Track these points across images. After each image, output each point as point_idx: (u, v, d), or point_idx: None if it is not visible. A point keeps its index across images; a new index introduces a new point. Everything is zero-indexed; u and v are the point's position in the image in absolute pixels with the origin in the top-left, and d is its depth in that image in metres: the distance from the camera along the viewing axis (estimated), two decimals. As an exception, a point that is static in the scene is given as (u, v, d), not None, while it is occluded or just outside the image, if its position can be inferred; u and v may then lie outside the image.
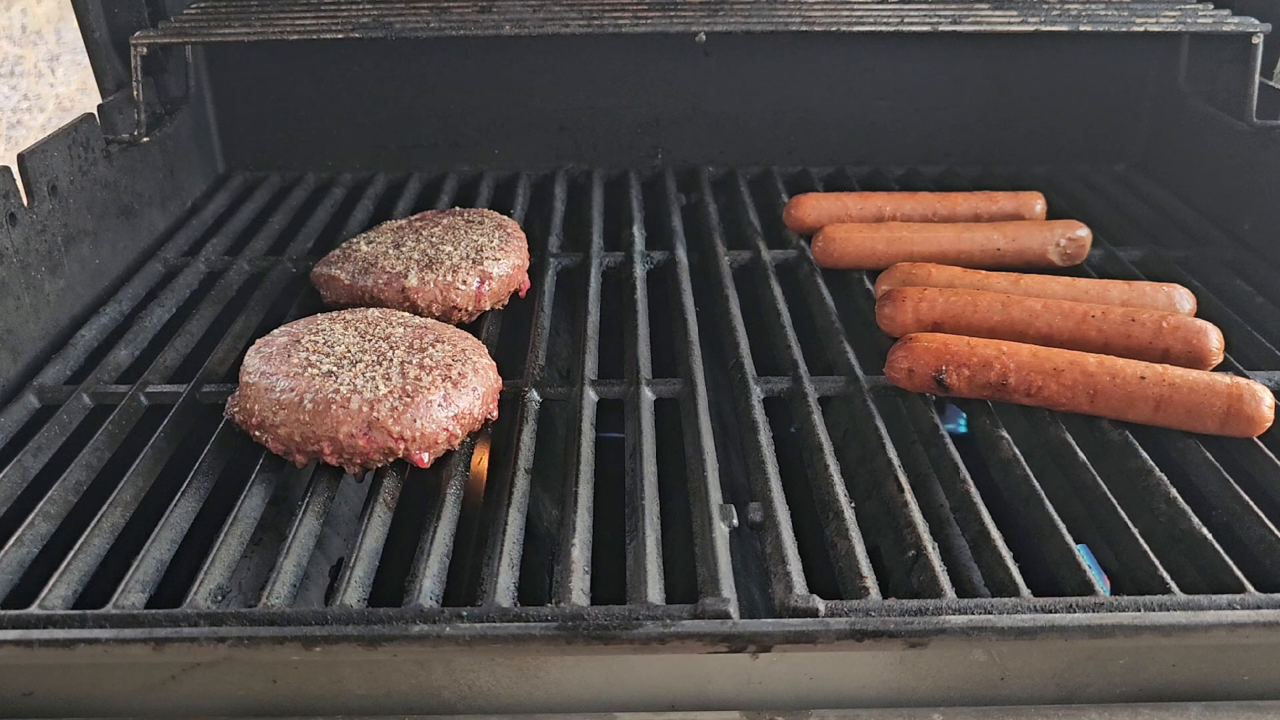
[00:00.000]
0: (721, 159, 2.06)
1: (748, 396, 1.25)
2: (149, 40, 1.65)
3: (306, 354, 1.17)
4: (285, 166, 2.06)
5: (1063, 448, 1.16)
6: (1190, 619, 0.89)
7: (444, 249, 1.44)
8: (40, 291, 1.40)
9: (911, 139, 2.05)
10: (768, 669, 0.91)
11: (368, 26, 1.63)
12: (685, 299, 1.50)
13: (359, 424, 1.08)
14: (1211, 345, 1.24)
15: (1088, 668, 0.92)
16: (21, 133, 2.40)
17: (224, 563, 0.99)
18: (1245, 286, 1.52)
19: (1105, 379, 1.16)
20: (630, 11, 1.67)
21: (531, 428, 1.20)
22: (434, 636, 0.88)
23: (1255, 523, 1.04)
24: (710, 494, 1.06)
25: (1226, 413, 1.13)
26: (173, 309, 1.53)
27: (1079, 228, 1.56)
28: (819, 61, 2.00)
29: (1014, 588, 0.94)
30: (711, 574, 0.95)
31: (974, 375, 1.19)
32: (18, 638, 0.88)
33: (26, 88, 2.33)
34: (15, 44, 2.27)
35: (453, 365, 1.16)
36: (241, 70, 2.01)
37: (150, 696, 0.92)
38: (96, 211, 1.57)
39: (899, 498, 1.07)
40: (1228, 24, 1.64)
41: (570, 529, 1.01)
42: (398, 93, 2.02)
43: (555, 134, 2.05)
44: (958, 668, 0.92)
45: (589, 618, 0.89)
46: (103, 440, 1.19)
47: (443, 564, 0.99)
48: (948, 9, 1.66)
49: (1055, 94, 2.01)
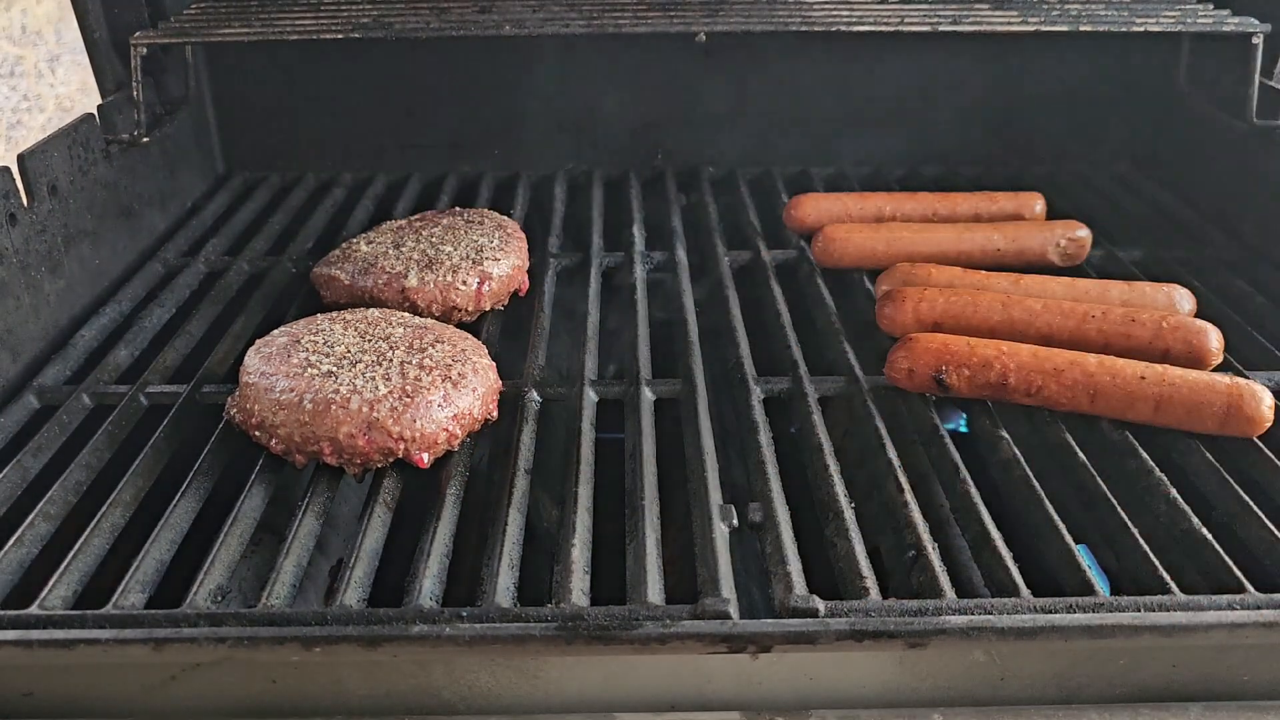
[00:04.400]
0: (721, 159, 2.06)
1: (748, 396, 1.25)
2: (149, 40, 1.65)
3: (306, 354, 1.17)
4: (285, 166, 2.06)
5: (1063, 448, 1.16)
6: (1190, 619, 0.89)
7: (444, 249, 1.44)
8: (40, 291, 1.40)
9: (911, 139, 2.05)
10: (768, 669, 0.91)
11: (368, 26, 1.63)
12: (685, 299, 1.50)
13: (359, 424, 1.08)
14: (1211, 345, 1.24)
15: (1088, 668, 0.92)
16: (21, 133, 2.40)
17: (224, 563, 0.99)
18: (1245, 286, 1.52)
19: (1105, 379, 1.16)
20: (630, 11, 1.68)
21: (531, 428, 1.20)
22: (434, 637, 0.88)
23: (1255, 523, 1.04)
24: (710, 494, 1.06)
25: (1226, 413, 1.13)
26: (172, 309, 1.53)
27: (1079, 228, 1.56)
28: (819, 61, 2.00)
29: (1014, 588, 0.94)
30: (711, 574, 0.95)
31: (974, 375, 1.19)
32: (18, 638, 0.88)
33: (26, 88, 2.33)
34: (15, 44, 2.28)
35: (452, 365, 1.16)
36: (241, 70, 2.01)
37: (150, 696, 0.92)
38: (96, 212, 1.57)
39: (899, 498, 1.07)
40: (1228, 24, 1.64)
41: (570, 529, 1.01)
42: (397, 93, 2.02)
43: (555, 134, 2.05)
44: (958, 668, 0.92)
45: (589, 618, 0.89)
46: (103, 440, 1.19)
47: (443, 564, 0.99)
48: (948, 9, 1.66)
49: (1055, 94, 2.01)
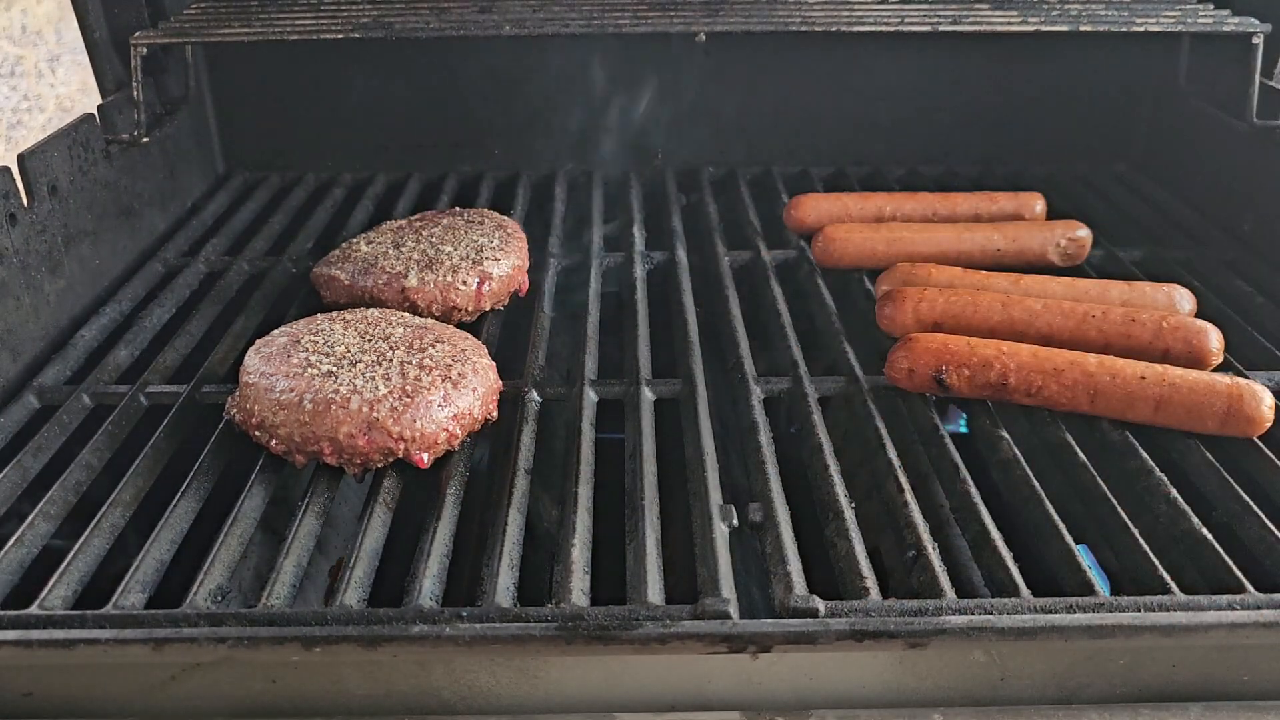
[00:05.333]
0: (721, 159, 2.06)
1: (748, 396, 1.25)
2: (149, 40, 1.65)
3: (306, 354, 1.17)
4: (285, 166, 2.06)
5: (1063, 448, 1.16)
6: (1190, 619, 0.89)
7: (444, 249, 1.44)
8: (40, 291, 1.40)
9: (911, 139, 2.05)
10: (768, 669, 0.91)
11: (368, 26, 1.63)
12: (685, 299, 1.50)
13: (359, 424, 1.08)
14: (1212, 346, 1.24)
15: (1088, 668, 0.92)
16: (21, 133, 2.40)
17: (224, 563, 0.99)
18: (1245, 286, 1.52)
19: (1105, 379, 1.16)
20: (630, 11, 1.67)
21: (531, 428, 1.20)
22: (434, 637, 0.88)
23: (1255, 523, 1.04)
24: (710, 494, 1.06)
25: (1226, 413, 1.13)
26: (172, 309, 1.53)
27: (1079, 228, 1.56)
28: (819, 61, 2.00)
29: (1014, 588, 0.94)
30: (711, 574, 0.95)
31: (974, 375, 1.19)
32: (18, 638, 0.88)
33: (26, 88, 2.33)
34: (15, 44, 2.27)
35: (453, 365, 1.16)
36: (241, 70, 2.01)
37: (150, 697, 0.92)
38: (96, 212, 1.57)
39: (899, 498, 1.07)
40: (1228, 24, 1.64)
41: (570, 529, 1.01)
42: (397, 93, 2.02)
43: (555, 134, 2.04)
44: (958, 668, 0.92)
45: (589, 618, 0.89)
46: (103, 440, 1.19)
47: (443, 564, 0.99)
48: (948, 9, 1.66)
49: (1055, 94, 2.01)
